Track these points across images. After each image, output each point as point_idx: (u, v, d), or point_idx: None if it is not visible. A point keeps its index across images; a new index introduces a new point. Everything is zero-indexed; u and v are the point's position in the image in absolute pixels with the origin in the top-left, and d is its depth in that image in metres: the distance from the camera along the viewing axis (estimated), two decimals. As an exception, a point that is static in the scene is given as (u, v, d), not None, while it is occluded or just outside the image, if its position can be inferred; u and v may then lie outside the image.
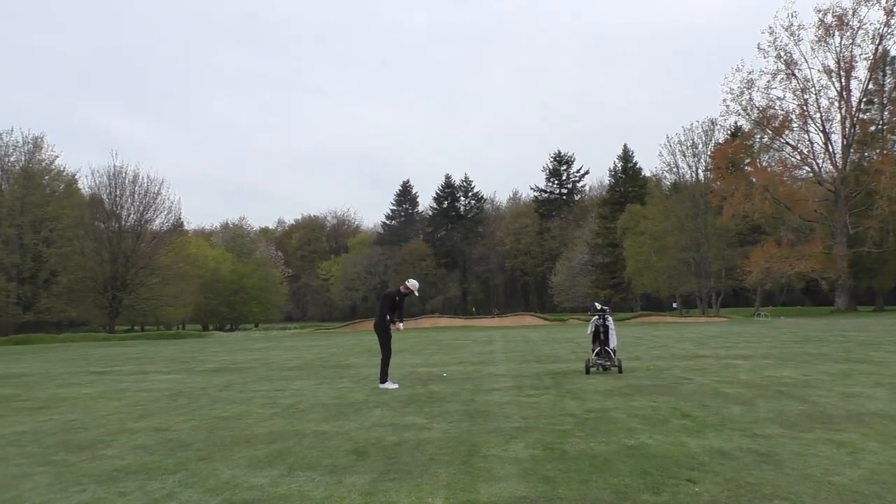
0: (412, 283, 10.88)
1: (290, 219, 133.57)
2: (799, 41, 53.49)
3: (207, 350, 26.62)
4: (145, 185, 53.77)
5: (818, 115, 53.90)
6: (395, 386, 10.69)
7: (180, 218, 64.47)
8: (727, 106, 56.53)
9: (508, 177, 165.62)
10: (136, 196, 53.37)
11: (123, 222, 52.87)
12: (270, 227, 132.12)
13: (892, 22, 49.99)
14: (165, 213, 55.48)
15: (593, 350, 12.07)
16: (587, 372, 11.72)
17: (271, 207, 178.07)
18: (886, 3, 49.76)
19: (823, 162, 55.45)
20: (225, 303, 77.74)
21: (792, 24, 53.00)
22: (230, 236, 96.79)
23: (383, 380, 10.70)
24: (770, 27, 53.82)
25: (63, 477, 5.62)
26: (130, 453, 6.41)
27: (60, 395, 11.52)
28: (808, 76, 53.93)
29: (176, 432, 7.40)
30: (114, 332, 50.27)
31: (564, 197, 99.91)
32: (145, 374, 15.25)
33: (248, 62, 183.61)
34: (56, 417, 8.84)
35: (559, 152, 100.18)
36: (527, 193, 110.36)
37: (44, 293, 49.71)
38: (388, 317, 10.63)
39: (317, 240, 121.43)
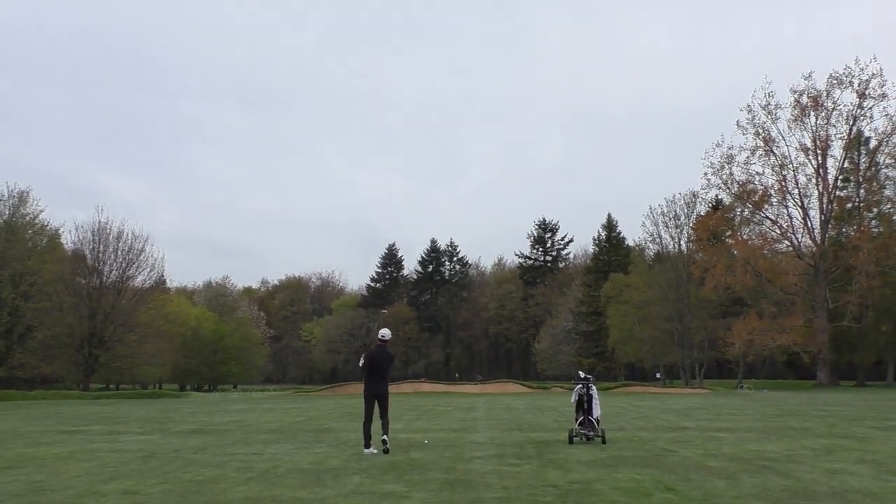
0: (382, 332, 11.03)
1: (273, 279, 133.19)
2: (776, 119, 55.21)
3: (184, 410, 26.03)
4: (129, 241, 53.74)
5: (796, 190, 55.32)
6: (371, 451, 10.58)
7: (163, 275, 64.26)
8: (708, 179, 57.95)
9: (494, 243, 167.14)
10: (119, 252, 53.19)
11: (105, 278, 52.44)
12: (254, 286, 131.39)
13: (865, 104, 52.02)
14: (148, 269, 55.26)
15: (577, 419, 11.95)
16: (570, 441, 11.60)
17: (256, 267, 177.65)
18: (859, 86, 51.94)
19: (802, 236, 56.59)
20: (204, 362, 76.53)
21: (769, 104, 54.92)
22: (212, 295, 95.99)
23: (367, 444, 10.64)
24: (748, 105, 55.76)
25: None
26: (98, 517, 6.19)
27: (28, 454, 11.17)
28: (786, 153, 55.56)
29: (147, 496, 7.18)
30: (88, 391, 49.06)
31: (549, 264, 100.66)
32: (118, 435, 14.87)
33: (241, 121, 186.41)
34: (22, 478, 8.55)
35: (544, 220, 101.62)
36: (511, 259, 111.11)
37: (18, 348, 48.63)
38: (366, 373, 10.72)
39: (300, 301, 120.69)
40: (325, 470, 8.84)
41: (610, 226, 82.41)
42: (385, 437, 10.50)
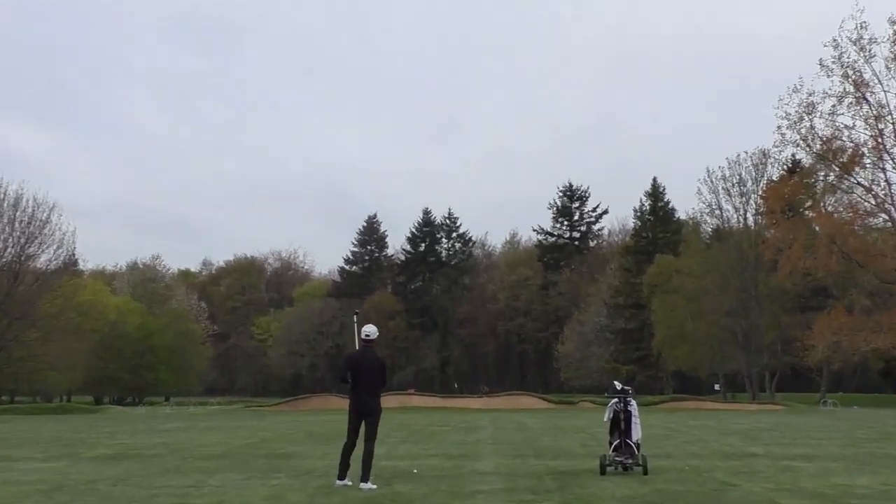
0: (365, 329, 10.98)
1: (219, 260, 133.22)
2: (871, 58, 54.62)
3: (101, 430, 26.05)
4: (30, 210, 53.41)
5: (896, 149, 55.15)
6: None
7: (74, 255, 63.99)
8: (782, 134, 57.47)
9: (505, 215, 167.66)
10: (16, 224, 52.89)
11: (-3, 257, 52.33)
12: (193, 269, 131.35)
13: None
14: (55, 247, 55.07)
15: (611, 443, 11.97)
16: (602, 472, 11.61)
17: (195, 245, 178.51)
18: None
19: (905, 208, 56.49)
20: (127, 367, 76.58)
21: (861, 38, 54.40)
22: (139, 280, 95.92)
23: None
24: (835, 39, 55.07)
25: None
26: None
27: None
28: (884, 101, 55.07)
29: (49, 541, 7.15)
30: (-26, 403, 49.19)
31: (576, 242, 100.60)
32: (12, 462, 14.87)
33: (181, 61, 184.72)
34: None
35: (570, 186, 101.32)
36: (528, 237, 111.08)
37: None
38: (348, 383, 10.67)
39: (253, 288, 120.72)
40: (283, 508, 8.82)
41: (655, 193, 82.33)
42: (363, 483, 10.23)
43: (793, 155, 64.35)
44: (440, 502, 9.17)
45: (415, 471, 12.37)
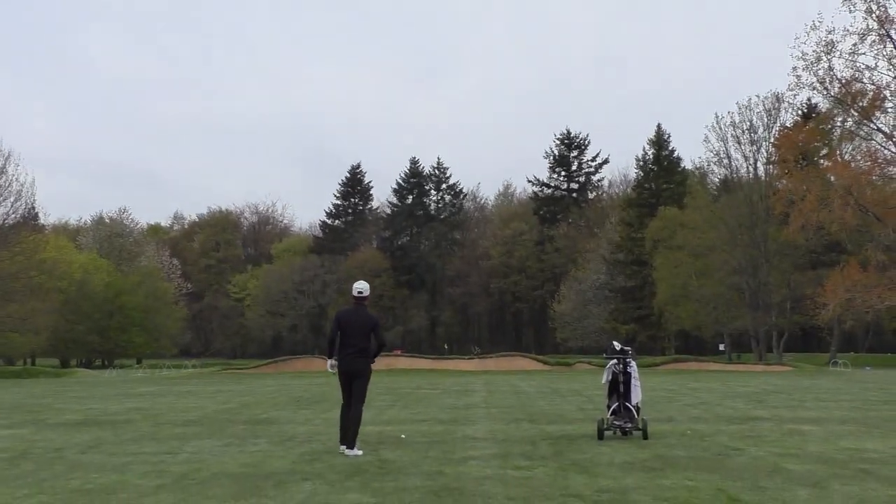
0: (357, 286, 10.96)
1: (191, 213, 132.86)
2: (898, -9, 54.53)
3: (68, 395, 26.14)
4: (-16, 159, 52.96)
5: (922, 92, 54.96)
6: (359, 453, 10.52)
7: (34, 208, 63.78)
8: (798, 76, 57.20)
9: (498, 164, 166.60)
10: (-30, 174, 52.50)
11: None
12: (164, 223, 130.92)
13: None
14: (12, 199, 54.74)
15: (609, 406, 12.11)
16: (600, 437, 11.76)
17: (166, 198, 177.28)
18: None
19: (928, 156, 56.52)
20: (95, 329, 76.73)
21: (886, -32, 54.05)
22: (105, 235, 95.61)
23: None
24: (857, -31, 54.59)
25: None
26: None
27: None
28: (910, 39, 54.89)
29: (17, 511, 7.24)
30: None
31: (574, 194, 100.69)
32: (-24, 428, 14.92)
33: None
34: None
35: (568, 132, 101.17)
36: (523, 188, 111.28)
37: None
38: (335, 346, 10.70)
39: (228, 244, 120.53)
40: (264, 475, 8.92)
41: (659, 141, 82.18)
42: (348, 449, 10.33)
43: (808, 99, 64.40)
44: (430, 469, 9.26)
45: (403, 436, 12.46)
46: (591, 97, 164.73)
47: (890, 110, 56.14)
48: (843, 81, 56.09)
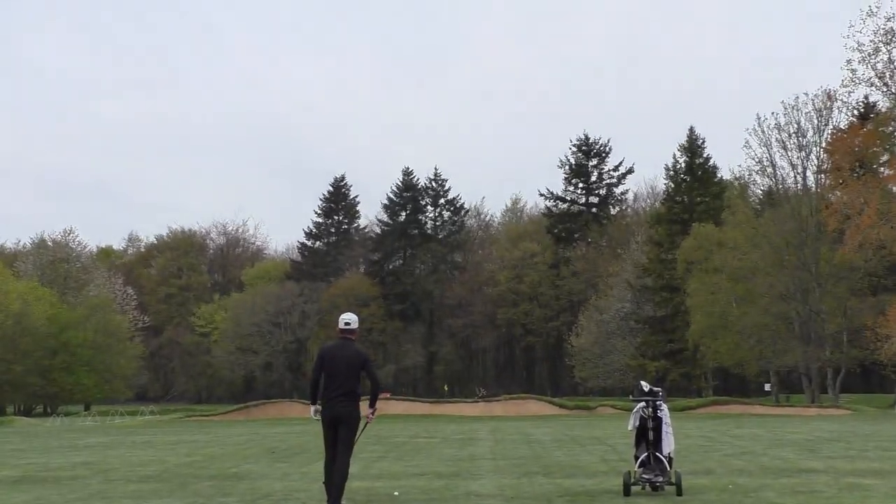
0: (344, 317, 11.04)
1: (148, 235, 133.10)
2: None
3: (4, 448, 26.04)
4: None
5: None
6: None
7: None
8: (853, 71, 57.44)
9: (505, 175, 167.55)
10: None
11: None
12: (116, 247, 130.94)
13: None
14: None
15: (637, 457, 12.06)
16: (626, 493, 11.67)
17: (118, 215, 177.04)
18: None
19: None
20: (36, 369, 76.48)
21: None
22: (48, 260, 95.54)
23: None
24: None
25: None
26: None
27: None
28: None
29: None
30: None
31: (594, 210, 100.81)
32: None
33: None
34: None
35: (586, 138, 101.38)
36: (534, 203, 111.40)
37: None
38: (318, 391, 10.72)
39: (192, 270, 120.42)
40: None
41: (692, 147, 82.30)
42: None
43: (865, 97, 64.49)
44: (427, 532, 9.21)
45: (396, 493, 12.43)
46: (613, 97, 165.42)
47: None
48: (906, 77, 56.35)
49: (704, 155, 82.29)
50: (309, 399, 10.96)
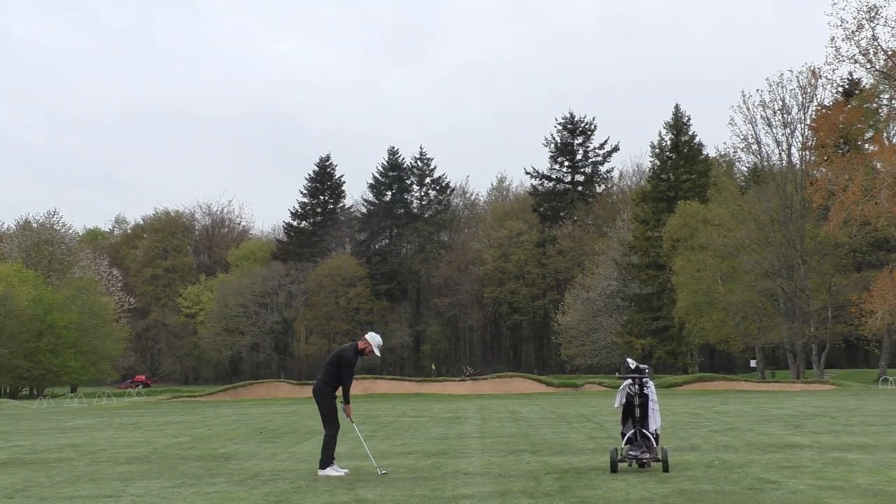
0: (372, 338, 12.35)
1: (134, 215, 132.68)
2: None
3: (-10, 430, 26.00)
4: None
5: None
6: (342, 472, 11.95)
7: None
8: (837, 48, 57.54)
9: (490, 154, 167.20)
10: None
11: None
12: (102, 227, 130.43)
13: None
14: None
15: (623, 434, 12.15)
16: (614, 469, 11.75)
17: (103, 196, 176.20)
18: None
19: None
20: (21, 352, 76.20)
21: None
22: (32, 242, 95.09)
23: (325, 464, 12.02)
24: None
25: None
26: None
27: None
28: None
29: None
30: None
31: (580, 188, 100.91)
32: None
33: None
34: None
35: (572, 116, 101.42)
36: (520, 181, 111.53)
37: None
38: (332, 384, 12.38)
39: (178, 251, 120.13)
40: (223, 520, 8.88)
41: (678, 124, 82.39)
42: (319, 470, 12.06)
43: (850, 74, 64.76)
44: (416, 510, 9.23)
45: (383, 472, 12.43)
46: (599, 75, 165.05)
47: (943, 86, 56.50)
48: (890, 52, 56.44)
49: (690, 133, 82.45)
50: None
